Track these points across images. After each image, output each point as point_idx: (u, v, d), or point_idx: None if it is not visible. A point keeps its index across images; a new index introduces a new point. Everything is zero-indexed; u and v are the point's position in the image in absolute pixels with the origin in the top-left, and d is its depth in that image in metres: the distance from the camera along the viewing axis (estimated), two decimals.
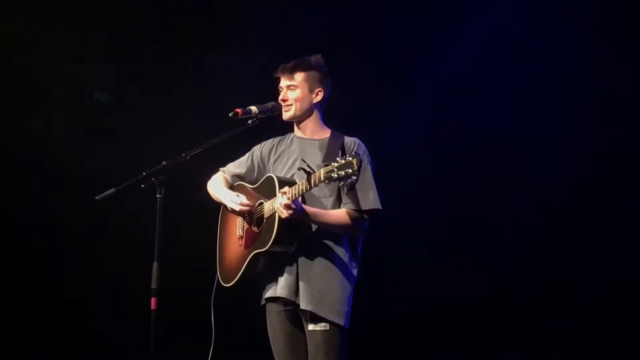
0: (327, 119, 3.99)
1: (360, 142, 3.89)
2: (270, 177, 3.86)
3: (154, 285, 3.63)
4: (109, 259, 5.90)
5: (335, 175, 3.47)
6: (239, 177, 4.08)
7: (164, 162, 3.71)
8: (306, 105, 3.91)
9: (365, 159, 3.82)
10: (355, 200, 3.76)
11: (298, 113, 3.91)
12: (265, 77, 4.08)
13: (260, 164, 4.04)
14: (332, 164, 3.49)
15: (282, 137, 4.05)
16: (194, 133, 4.45)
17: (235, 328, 4.03)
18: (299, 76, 3.89)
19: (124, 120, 6.05)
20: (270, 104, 3.93)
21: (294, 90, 3.90)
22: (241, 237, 3.96)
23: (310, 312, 3.75)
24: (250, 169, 4.06)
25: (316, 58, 3.92)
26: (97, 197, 3.75)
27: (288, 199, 3.64)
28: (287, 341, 3.86)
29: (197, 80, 6.01)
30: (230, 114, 3.85)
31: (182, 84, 6.02)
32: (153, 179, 3.67)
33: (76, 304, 5.92)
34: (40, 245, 5.95)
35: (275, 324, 3.89)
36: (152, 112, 5.96)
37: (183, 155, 3.78)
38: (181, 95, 6.00)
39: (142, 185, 3.68)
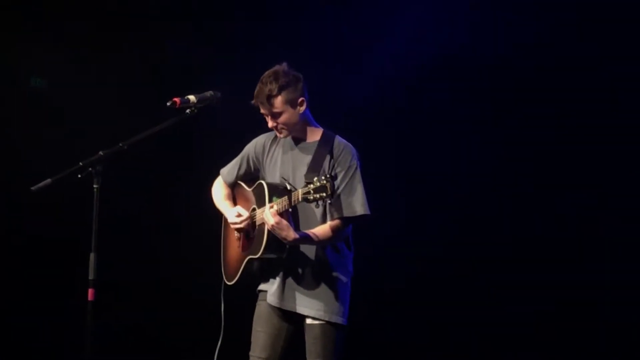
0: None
1: (349, 146, 3.88)
2: (261, 184, 3.90)
3: (91, 276, 3.58)
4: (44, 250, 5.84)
5: (311, 198, 3.56)
6: (237, 179, 4.11)
7: (100, 152, 3.65)
8: (296, 120, 3.89)
9: (354, 164, 3.84)
10: (345, 207, 3.79)
11: (292, 129, 3.90)
12: (201, 64, 4.05)
13: (256, 163, 4.05)
14: (309, 185, 3.56)
15: (275, 134, 4.02)
16: (131, 122, 4.40)
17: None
18: (278, 101, 3.84)
19: (61, 107, 5.96)
20: (208, 93, 3.88)
21: (280, 116, 3.86)
22: (239, 239, 4.01)
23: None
24: (247, 170, 4.08)
25: (283, 70, 3.86)
26: (32, 188, 3.69)
27: (275, 211, 3.68)
28: (270, 330, 3.91)
29: (137, 68, 5.94)
30: (168, 103, 3.80)
31: (120, 72, 5.94)
32: (90, 169, 3.62)
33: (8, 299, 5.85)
34: None
35: (262, 311, 3.95)
36: (89, 99, 5.89)
37: (121, 144, 3.73)
38: (120, 84, 5.92)
39: (79, 176, 3.63)
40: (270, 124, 3.89)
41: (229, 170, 4.13)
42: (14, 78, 5.97)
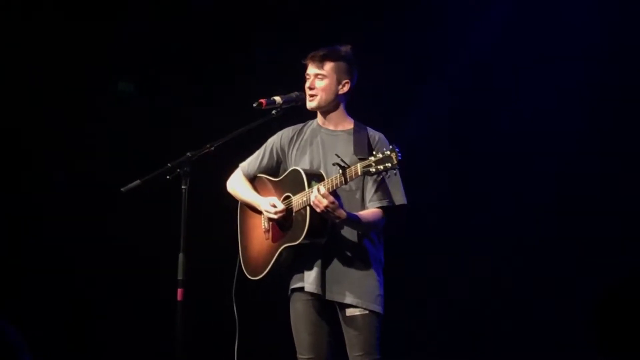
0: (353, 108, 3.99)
1: (383, 136, 3.89)
2: (297, 171, 3.85)
3: (180, 276, 3.63)
4: (132, 252, 5.93)
5: (374, 170, 3.51)
6: (258, 171, 4.07)
7: (188, 153, 3.71)
8: (332, 96, 3.90)
9: None
10: (386, 196, 3.79)
11: (323, 104, 3.90)
12: (287, 66, 4.06)
13: (280, 155, 4.03)
14: (370, 158, 3.52)
15: (301, 125, 4.04)
16: (218, 123, 4.44)
17: (259, 320, 4.03)
18: (328, 66, 3.88)
19: (149, 110, 6.06)
20: (294, 94, 3.92)
21: (322, 80, 3.88)
22: (267, 231, 3.95)
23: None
24: (269, 162, 4.04)
25: (345, 48, 3.91)
26: (122, 189, 3.76)
27: (327, 189, 3.65)
28: (312, 329, 3.88)
29: (221, 71, 6.01)
30: (254, 105, 3.84)
31: (205, 75, 6.01)
32: (178, 170, 3.67)
33: (97, 298, 5.98)
34: (61, 238, 5.98)
35: (300, 312, 3.90)
36: (176, 103, 5.98)
37: (208, 146, 3.77)
38: (205, 86, 6.00)
39: (167, 177, 3.69)
40: (308, 84, 3.89)
41: (250, 163, 4.08)
42: (103, 83, 6.10)
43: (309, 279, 3.82)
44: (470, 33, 5.78)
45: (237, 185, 4.10)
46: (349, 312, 3.80)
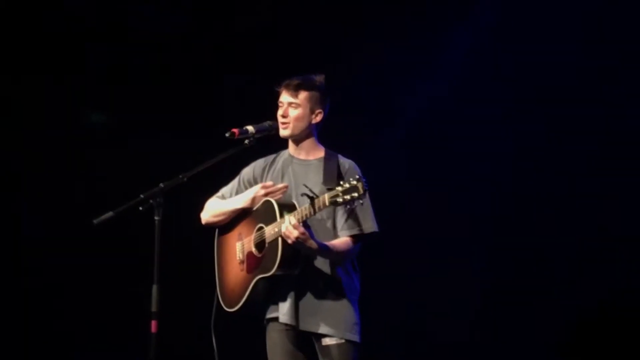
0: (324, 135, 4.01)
1: (354, 164, 3.91)
2: (269, 202, 3.85)
3: (153, 308, 3.61)
4: (106, 283, 5.89)
5: (341, 200, 3.52)
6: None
7: (161, 184, 3.69)
8: (304, 125, 3.91)
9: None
10: (357, 225, 3.79)
11: (296, 132, 3.92)
12: (262, 94, 4.08)
13: (250, 186, 4.01)
14: (337, 188, 3.54)
15: (274, 156, 4.05)
16: (191, 154, 4.44)
17: (237, 351, 4.00)
18: (303, 95, 3.89)
19: (121, 141, 6.05)
20: (267, 123, 3.92)
21: (296, 109, 3.89)
22: (242, 262, 3.94)
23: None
24: (241, 192, 4.02)
25: (320, 78, 3.93)
26: (94, 221, 3.74)
27: (297, 220, 3.65)
28: (287, 359, 3.86)
29: (195, 100, 6.01)
30: (226, 134, 3.84)
31: (178, 104, 6.02)
32: (150, 201, 3.65)
33: (71, 331, 5.93)
34: (35, 268, 5.93)
35: (276, 342, 3.89)
36: (148, 133, 5.97)
37: (180, 176, 3.76)
38: (178, 115, 6.00)
39: (140, 208, 3.67)
40: (281, 112, 3.89)
41: (224, 194, 4.07)
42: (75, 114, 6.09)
43: (283, 310, 3.81)
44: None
45: (215, 204, 4.05)
46: (325, 342, 3.79)
